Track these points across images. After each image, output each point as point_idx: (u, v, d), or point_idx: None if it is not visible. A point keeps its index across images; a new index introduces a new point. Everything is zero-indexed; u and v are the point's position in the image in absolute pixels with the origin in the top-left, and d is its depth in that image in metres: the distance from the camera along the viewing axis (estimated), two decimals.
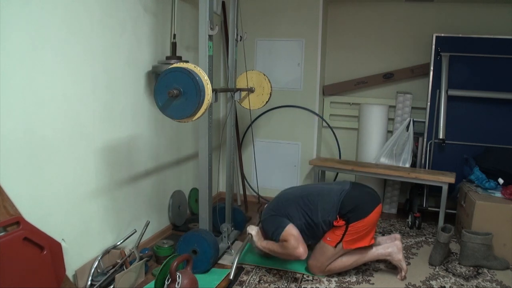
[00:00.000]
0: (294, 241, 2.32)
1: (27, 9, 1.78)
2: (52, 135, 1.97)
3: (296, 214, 2.43)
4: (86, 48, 2.15)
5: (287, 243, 2.33)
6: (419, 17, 3.74)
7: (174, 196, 3.14)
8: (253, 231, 2.58)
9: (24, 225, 1.77)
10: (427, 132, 3.53)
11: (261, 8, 3.76)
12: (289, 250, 2.33)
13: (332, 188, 2.50)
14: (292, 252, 2.33)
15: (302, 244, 2.34)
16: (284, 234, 2.36)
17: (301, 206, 2.45)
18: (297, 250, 2.31)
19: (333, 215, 2.37)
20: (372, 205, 2.41)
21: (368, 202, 2.42)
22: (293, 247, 2.32)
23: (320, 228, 2.42)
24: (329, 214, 2.38)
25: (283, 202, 2.53)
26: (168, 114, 2.02)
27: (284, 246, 2.35)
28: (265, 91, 2.96)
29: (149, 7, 2.69)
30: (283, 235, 2.36)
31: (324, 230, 2.42)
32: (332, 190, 2.47)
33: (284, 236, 2.35)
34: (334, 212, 2.37)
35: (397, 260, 2.47)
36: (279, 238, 2.38)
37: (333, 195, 2.43)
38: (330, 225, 2.39)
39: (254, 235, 2.57)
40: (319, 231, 2.43)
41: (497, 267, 2.64)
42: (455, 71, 3.43)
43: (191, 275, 2.18)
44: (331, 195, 2.43)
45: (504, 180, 3.05)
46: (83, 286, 2.16)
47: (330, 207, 2.39)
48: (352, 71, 3.94)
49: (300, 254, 2.32)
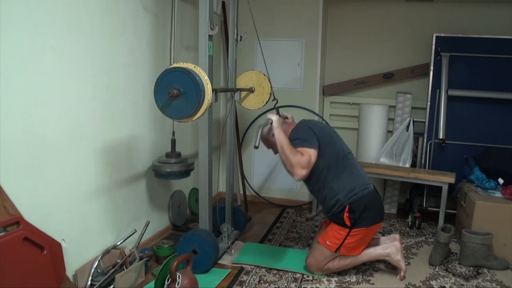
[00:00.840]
0: (307, 161, 2.23)
1: (27, 9, 1.78)
2: (52, 135, 1.97)
3: (327, 155, 2.32)
4: (86, 48, 2.15)
5: (300, 156, 2.23)
6: (419, 17, 3.74)
7: (174, 196, 3.14)
8: (275, 117, 2.41)
9: (24, 225, 1.77)
10: (427, 132, 3.54)
11: (261, 8, 3.76)
12: (296, 160, 2.22)
13: (363, 176, 2.43)
14: (296, 164, 2.23)
15: (308, 170, 2.25)
16: (306, 150, 2.25)
17: (335, 156, 2.35)
18: (302, 170, 2.23)
19: (345, 197, 2.30)
20: (379, 218, 2.41)
21: (378, 214, 2.41)
22: (301, 163, 2.22)
23: (327, 192, 2.35)
24: (342, 192, 2.30)
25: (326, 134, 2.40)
26: (168, 114, 2.02)
27: (297, 155, 2.24)
28: (265, 91, 2.96)
29: (149, 7, 2.69)
30: (304, 149, 2.25)
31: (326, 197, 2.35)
32: (362, 178, 2.40)
33: (304, 150, 2.25)
34: (348, 195, 2.30)
35: (395, 261, 2.47)
36: (298, 147, 2.27)
37: (359, 183, 2.36)
38: (334, 206, 2.33)
39: (275, 121, 2.38)
40: (321, 193, 2.37)
41: (497, 267, 2.64)
42: (455, 71, 3.43)
43: (191, 275, 2.18)
44: (358, 181, 2.36)
45: (504, 180, 3.05)
46: (83, 286, 2.16)
47: (351, 188, 2.32)
48: (352, 71, 3.94)
49: (299, 174, 2.24)
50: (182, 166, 2.68)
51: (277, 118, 2.41)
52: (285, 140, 2.30)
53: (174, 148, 2.78)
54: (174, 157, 2.72)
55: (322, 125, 2.53)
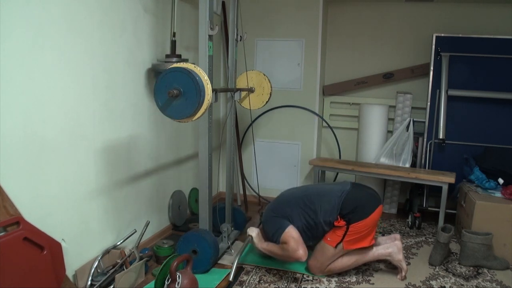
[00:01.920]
0: (294, 243, 2.32)
1: (27, 9, 1.78)
2: (52, 135, 1.97)
3: (296, 215, 2.43)
4: (86, 48, 2.15)
5: (287, 245, 2.33)
6: (419, 17, 3.74)
7: (174, 196, 3.14)
8: (254, 233, 2.58)
9: (24, 225, 1.77)
10: (427, 132, 3.53)
11: (261, 8, 3.76)
12: (289, 252, 2.33)
13: (332, 189, 2.49)
14: (292, 254, 2.33)
15: (302, 246, 2.34)
16: (284, 236, 2.35)
17: (302, 207, 2.44)
18: (297, 252, 2.31)
19: (334, 215, 2.37)
20: (373, 206, 2.41)
21: (369, 203, 2.42)
22: (292, 249, 2.31)
23: (321, 229, 2.41)
24: (330, 215, 2.38)
25: (284, 203, 2.53)
26: (168, 114, 2.02)
27: (284, 248, 2.35)
28: (265, 91, 2.96)
29: (149, 7, 2.69)
30: (283, 237, 2.36)
31: (324, 230, 2.41)
32: (333, 191, 2.46)
33: (284, 238, 2.35)
34: (334, 212, 2.37)
35: (397, 260, 2.47)
36: (279, 240, 2.38)
37: (333, 195, 2.42)
38: (330, 225, 2.39)
39: (255, 237, 2.56)
40: (319, 231, 2.43)
41: (497, 267, 2.64)
42: (455, 71, 3.43)
43: (191, 275, 2.18)
44: (331, 196, 2.43)
45: (504, 180, 3.05)
46: (83, 286, 2.16)
47: (331, 207, 2.38)
48: (352, 71, 3.94)
49: (300, 256, 2.32)
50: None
51: (257, 232, 2.59)
52: (269, 246, 2.47)
53: (175, 49, 2.81)
54: (175, 57, 2.73)
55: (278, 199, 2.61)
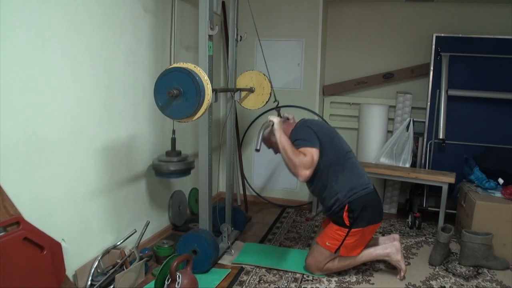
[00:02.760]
0: (310, 161, 2.21)
1: (27, 9, 1.78)
2: (52, 135, 1.97)
3: (327, 153, 2.31)
4: (86, 48, 2.15)
5: (303, 157, 2.21)
6: (419, 17, 3.74)
7: (174, 196, 3.14)
8: (276, 119, 2.39)
9: (24, 225, 1.77)
10: (427, 132, 3.53)
11: (261, 8, 3.76)
12: (300, 162, 2.20)
13: (363, 175, 2.43)
14: (300, 165, 2.21)
15: (311, 170, 2.24)
16: (308, 149, 2.24)
17: (335, 155, 2.34)
18: (305, 170, 2.21)
19: (345, 196, 2.30)
20: (378, 218, 2.42)
21: (377, 214, 2.41)
22: (305, 163, 2.20)
23: (329, 190, 2.34)
24: (342, 191, 2.30)
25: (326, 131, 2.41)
26: (168, 114, 2.02)
27: (299, 156, 2.22)
28: (265, 91, 2.96)
29: (149, 7, 2.69)
30: (306, 149, 2.24)
31: (327, 199, 2.36)
32: (363, 177, 2.40)
33: (306, 150, 2.24)
34: (348, 194, 2.30)
35: (395, 261, 2.47)
36: (300, 147, 2.26)
37: (360, 181, 2.36)
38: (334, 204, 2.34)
39: (277, 123, 2.36)
40: (323, 190, 2.36)
41: (497, 267, 2.64)
42: (455, 71, 3.43)
43: (191, 275, 2.18)
44: (359, 178, 2.36)
45: (504, 180, 3.05)
46: (83, 286, 2.16)
47: (351, 186, 2.31)
48: (352, 71, 3.94)
49: (303, 175, 2.22)
50: (182, 165, 2.68)
51: (278, 120, 2.40)
52: (287, 142, 2.28)
53: (174, 146, 2.78)
54: (175, 156, 2.72)
55: (322, 124, 2.53)
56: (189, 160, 2.75)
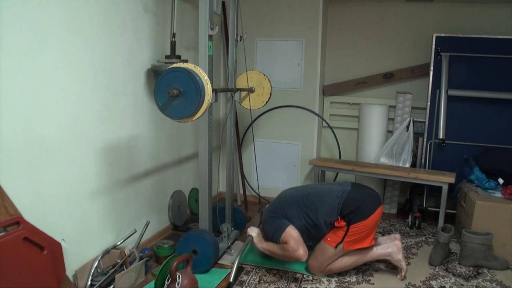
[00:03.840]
0: (294, 243, 2.32)
1: (27, 9, 1.78)
2: (52, 135, 1.97)
3: (296, 215, 2.43)
4: (86, 48, 2.15)
5: (287, 245, 2.34)
6: (419, 17, 3.74)
7: (174, 196, 3.14)
8: (254, 233, 2.58)
9: (24, 225, 1.77)
10: (427, 132, 3.53)
11: (261, 8, 3.76)
12: (289, 252, 2.33)
13: (333, 189, 2.49)
14: (292, 254, 2.33)
15: (302, 246, 2.34)
16: (284, 236, 2.36)
17: (301, 207, 2.44)
18: (297, 252, 2.31)
19: (334, 216, 2.37)
20: (373, 206, 2.41)
21: (369, 203, 2.42)
22: (293, 249, 2.32)
23: (321, 229, 2.41)
24: (330, 215, 2.38)
25: (283, 203, 2.53)
26: (168, 114, 2.02)
27: (284, 248, 2.35)
28: (265, 91, 2.96)
29: (149, 7, 2.69)
30: (283, 237, 2.36)
31: (324, 231, 2.41)
32: (333, 191, 2.46)
33: (284, 238, 2.36)
34: (335, 213, 2.37)
35: (396, 260, 2.47)
36: (279, 240, 2.38)
37: (334, 196, 2.42)
38: (331, 226, 2.39)
39: (255, 237, 2.56)
40: (319, 231, 2.42)
41: (497, 267, 2.64)
42: (455, 71, 3.43)
43: (191, 275, 2.18)
44: (332, 196, 2.42)
45: (504, 180, 3.05)
46: (83, 286, 2.16)
47: (331, 208, 2.38)
48: (352, 71, 3.94)
49: (300, 256, 2.32)
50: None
51: (257, 232, 2.59)
52: (269, 246, 2.47)
53: (174, 50, 2.81)
54: (174, 58, 2.73)
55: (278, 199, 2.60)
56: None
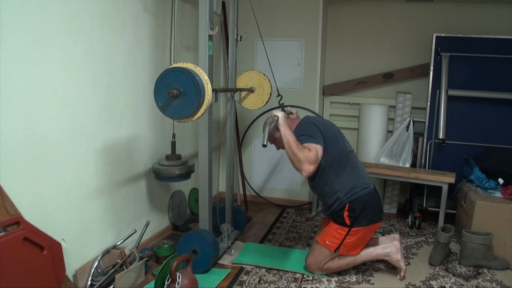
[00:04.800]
0: (314, 156, 2.22)
1: (27, 9, 1.78)
2: (52, 135, 1.97)
3: (331, 151, 2.32)
4: (86, 48, 2.15)
5: (308, 152, 2.22)
6: (419, 17, 3.74)
7: (174, 196, 3.14)
8: (280, 114, 2.37)
9: (24, 225, 1.77)
10: (427, 132, 3.53)
11: (261, 8, 3.76)
12: (305, 156, 2.21)
13: (364, 176, 2.43)
14: (304, 160, 2.21)
15: (315, 165, 2.25)
16: (313, 145, 2.25)
17: (338, 151, 2.35)
18: (309, 165, 2.22)
19: (346, 196, 2.31)
20: (377, 218, 2.42)
21: (377, 213, 2.42)
22: (309, 158, 2.21)
23: (331, 188, 2.35)
24: (343, 190, 2.32)
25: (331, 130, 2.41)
26: (168, 114, 2.02)
27: (304, 151, 2.23)
28: (265, 91, 2.96)
29: (149, 7, 2.69)
30: (311, 145, 2.25)
31: (327, 197, 2.37)
32: (363, 177, 2.41)
33: (310, 146, 2.25)
34: (349, 194, 2.31)
35: (395, 260, 2.47)
36: (305, 143, 2.27)
37: (361, 180, 2.37)
38: (338, 203, 2.34)
39: (281, 118, 2.35)
40: (329, 187, 2.36)
41: (497, 267, 2.64)
42: (455, 71, 3.43)
43: (191, 275, 2.18)
44: (360, 178, 2.38)
45: (504, 180, 3.05)
46: (83, 286, 2.16)
47: (352, 185, 2.33)
48: (352, 71, 3.94)
49: (307, 169, 2.23)
50: (183, 169, 2.68)
51: (283, 114, 2.39)
52: (291, 136, 2.29)
53: (174, 150, 2.78)
54: (175, 160, 2.71)
55: (326, 122, 2.53)
56: (189, 164, 2.75)
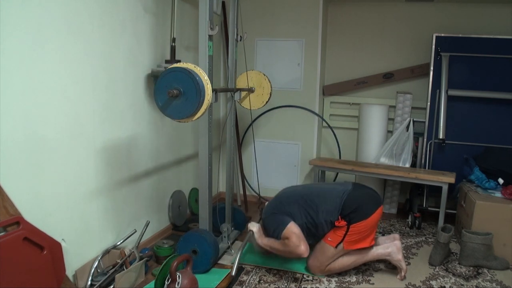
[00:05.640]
0: (296, 238, 2.32)
1: (27, 9, 1.78)
2: (52, 135, 1.97)
3: (297, 213, 2.43)
4: (86, 48, 2.15)
5: (288, 241, 2.33)
6: (419, 17, 3.74)
7: (174, 196, 3.14)
8: (255, 228, 2.57)
9: (24, 225, 1.77)
10: (427, 132, 3.53)
11: (261, 8, 3.76)
12: (290, 248, 2.33)
13: (334, 189, 2.49)
14: (293, 250, 2.33)
15: (303, 242, 2.34)
16: (286, 232, 2.35)
17: (303, 205, 2.44)
18: (299, 248, 2.31)
19: (335, 215, 2.37)
20: (373, 206, 2.41)
21: (370, 203, 2.42)
22: (294, 245, 2.31)
23: (321, 228, 2.41)
24: (331, 215, 2.38)
25: (284, 200, 2.53)
26: (168, 114, 2.02)
27: (286, 244, 2.35)
28: (265, 91, 2.96)
29: (149, 7, 2.69)
30: (284, 233, 2.36)
31: (325, 230, 2.41)
32: (334, 191, 2.46)
33: (285, 234, 2.35)
34: (335, 212, 2.37)
35: (396, 260, 2.47)
36: (280, 236, 2.38)
37: (334, 195, 2.42)
38: (331, 225, 2.39)
39: (256, 232, 2.55)
40: (320, 231, 2.43)
41: (497, 267, 2.64)
42: (455, 71, 3.43)
43: (191, 275, 2.18)
44: (333, 196, 2.43)
45: (504, 180, 3.05)
46: (83, 286, 2.16)
47: (332, 208, 2.38)
48: (352, 71, 3.94)
49: (302, 252, 2.32)
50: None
51: (258, 227, 2.57)
52: (270, 242, 2.46)
53: (174, 55, 2.81)
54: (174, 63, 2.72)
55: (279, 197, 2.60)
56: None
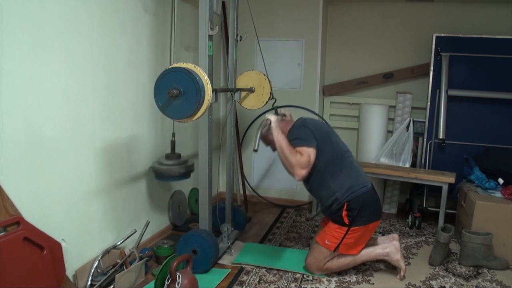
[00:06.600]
0: (306, 160, 2.23)
1: (27, 9, 1.78)
2: (52, 135, 1.97)
3: (325, 151, 2.32)
4: (86, 48, 2.15)
5: (300, 156, 2.23)
6: (419, 17, 3.74)
7: (174, 196, 3.14)
8: (273, 118, 2.39)
9: (24, 225, 1.77)
10: (427, 132, 3.53)
11: (261, 8, 3.76)
12: (296, 161, 2.23)
13: (361, 174, 2.44)
14: (296, 165, 2.23)
15: (308, 169, 2.26)
16: (305, 149, 2.25)
17: (333, 151, 2.35)
18: (301, 170, 2.23)
19: (343, 196, 2.31)
20: (376, 216, 2.42)
21: (375, 212, 2.42)
22: (301, 163, 2.22)
23: (327, 189, 2.35)
24: (342, 188, 2.31)
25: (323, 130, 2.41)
26: (168, 114, 2.02)
27: (296, 155, 2.24)
28: (265, 91, 2.96)
29: (149, 7, 2.69)
30: (303, 149, 2.25)
31: (322, 195, 2.37)
32: (360, 176, 2.41)
33: (303, 150, 2.25)
34: (346, 193, 2.31)
35: (395, 260, 2.47)
36: (297, 147, 2.27)
37: (359, 179, 2.37)
38: (331, 204, 2.34)
39: (274, 121, 2.36)
40: (322, 190, 2.37)
41: (497, 267, 2.64)
42: (455, 71, 3.43)
43: (191, 275, 2.18)
44: (357, 177, 2.37)
45: (504, 180, 3.05)
46: (83, 286, 2.16)
47: (349, 185, 2.33)
48: (352, 71, 3.94)
49: (299, 174, 2.24)
50: (182, 168, 2.68)
51: (276, 118, 2.40)
52: (284, 141, 2.29)
53: (174, 149, 2.78)
54: (174, 159, 2.71)
55: (320, 123, 2.53)
56: (189, 164, 2.74)
